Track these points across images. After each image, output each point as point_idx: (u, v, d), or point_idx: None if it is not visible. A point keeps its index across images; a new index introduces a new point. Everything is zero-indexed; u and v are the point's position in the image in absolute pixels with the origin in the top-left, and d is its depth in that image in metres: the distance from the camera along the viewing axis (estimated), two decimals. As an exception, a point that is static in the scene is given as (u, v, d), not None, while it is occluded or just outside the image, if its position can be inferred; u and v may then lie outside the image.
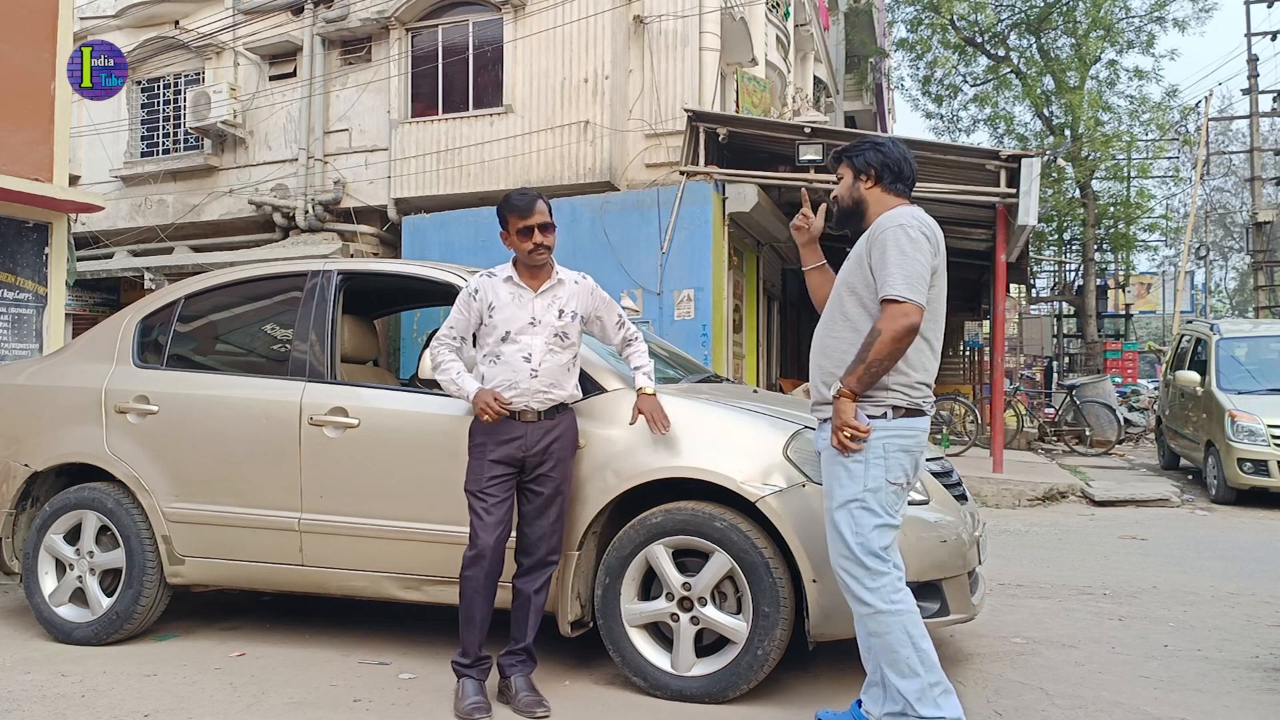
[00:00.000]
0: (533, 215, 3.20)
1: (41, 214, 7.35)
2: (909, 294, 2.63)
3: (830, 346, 2.85)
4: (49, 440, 4.11)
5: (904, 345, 2.65)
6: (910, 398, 2.73)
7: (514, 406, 3.18)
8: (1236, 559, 6.12)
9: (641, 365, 3.42)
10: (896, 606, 2.66)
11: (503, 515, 3.15)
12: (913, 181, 2.93)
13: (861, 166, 2.90)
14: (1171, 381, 10.98)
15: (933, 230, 2.74)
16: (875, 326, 2.67)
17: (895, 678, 2.67)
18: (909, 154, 2.93)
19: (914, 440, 2.75)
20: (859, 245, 2.83)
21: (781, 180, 10.72)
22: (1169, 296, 33.58)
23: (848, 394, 2.68)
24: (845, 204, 2.96)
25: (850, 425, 2.67)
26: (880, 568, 2.68)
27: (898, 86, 23.81)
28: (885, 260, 2.68)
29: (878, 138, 2.93)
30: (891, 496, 2.72)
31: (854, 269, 2.82)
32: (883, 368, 2.66)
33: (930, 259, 2.71)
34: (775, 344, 14.87)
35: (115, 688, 3.37)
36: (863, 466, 2.70)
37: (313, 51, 12.42)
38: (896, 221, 2.72)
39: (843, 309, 2.83)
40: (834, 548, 2.77)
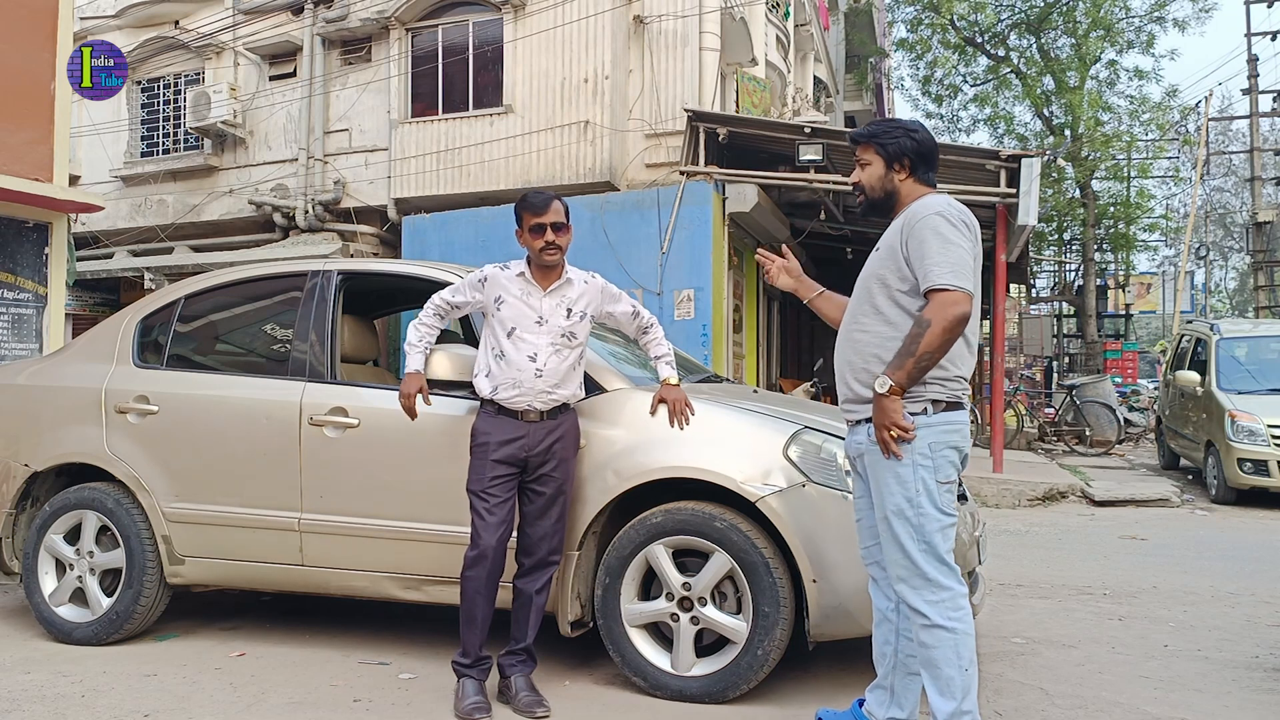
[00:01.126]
0: (546, 214, 3.20)
1: (41, 214, 7.35)
2: (957, 281, 2.48)
3: (861, 341, 2.70)
4: (49, 440, 4.11)
5: (955, 335, 2.50)
6: (950, 390, 2.60)
7: (516, 406, 3.18)
8: (1236, 559, 6.12)
9: (662, 354, 3.44)
10: (953, 624, 2.53)
11: (504, 515, 3.15)
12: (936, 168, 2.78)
13: (895, 155, 2.70)
14: (1171, 381, 10.98)
15: (971, 218, 2.60)
16: (923, 317, 2.51)
17: (934, 693, 2.57)
18: (935, 141, 2.77)
19: (958, 435, 2.62)
20: (889, 237, 2.68)
21: (781, 180, 10.72)
22: (1169, 296, 33.59)
23: (897, 390, 2.52)
24: (875, 195, 2.76)
25: (897, 425, 2.53)
26: (945, 580, 2.55)
27: (898, 86, 23.83)
28: (925, 250, 2.53)
29: (909, 123, 2.74)
30: (946, 496, 2.59)
31: (884, 260, 2.67)
32: (933, 360, 2.51)
33: (971, 246, 2.56)
34: (775, 344, 14.88)
35: (115, 688, 3.37)
36: (910, 469, 2.56)
37: (313, 51, 12.42)
38: (934, 209, 2.57)
39: (873, 302, 2.69)
40: (892, 557, 2.62)
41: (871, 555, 2.80)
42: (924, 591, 2.56)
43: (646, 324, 3.48)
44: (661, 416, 3.31)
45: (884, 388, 2.54)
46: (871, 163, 2.75)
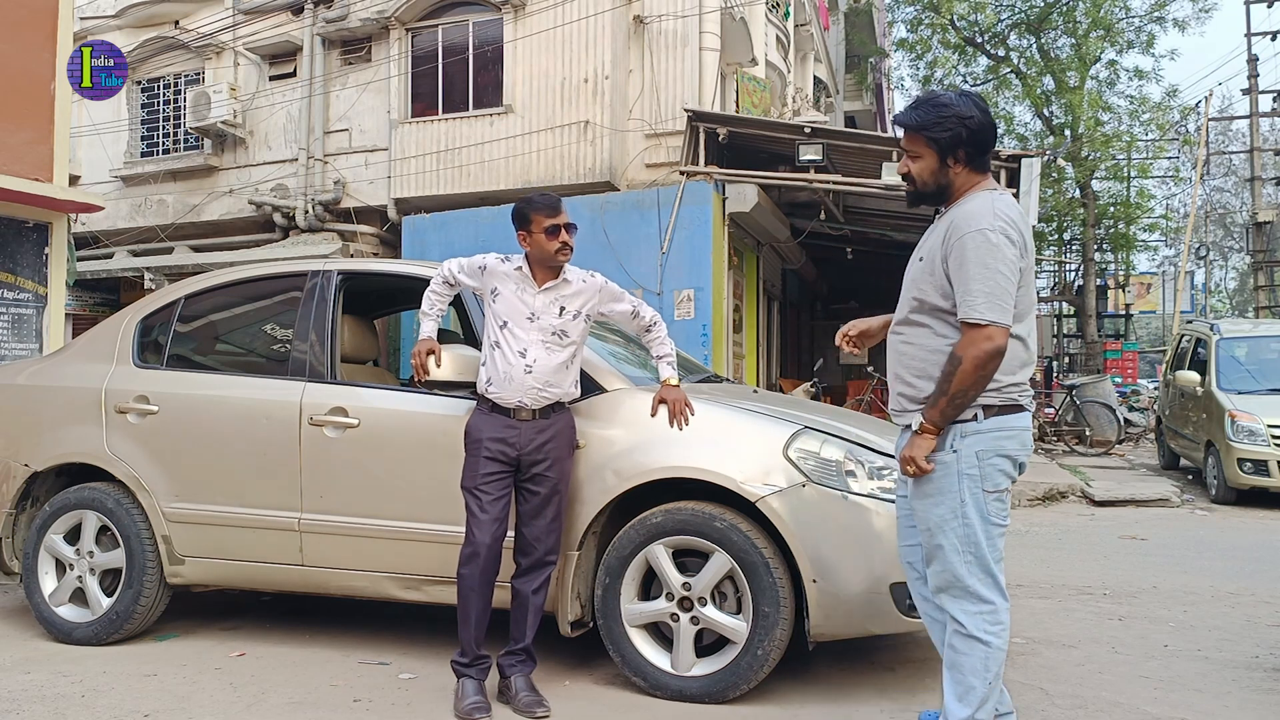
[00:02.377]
0: (560, 214, 3.21)
1: (41, 214, 7.35)
2: (991, 315, 2.37)
3: (906, 354, 2.63)
4: (49, 440, 4.11)
5: (989, 371, 2.41)
6: (1003, 395, 2.49)
7: (507, 403, 3.18)
8: (1236, 559, 6.12)
9: (664, 354, 3.43)
10: (989, 638, 2.47)
11: (498, 513, 3.15)
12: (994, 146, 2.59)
13: (948, 146, 2.50)
14: (1171, 381, 10.98)
15: (1018, 227, 2.45)
16: (955, 353, 2.43)
17: (952, 697, 2.54)
18: (988, 110, 2.55)
19: (1013, 441, 2.50)
20: (932, 243, 2.55)
21: (781, 180, 10.72)
22: (1169, 296, 33.58)
23: (931, 430, 2.47)
24: (927, 188, 2.59)
25: (917, 465, 2.49)
26: (988, 593, 2.49)
27: (898, 86, 23.84)
28: (965, 274, 2.41)
29: (960, 107, 2.49)
30: (995, 504, 2.50)
31: (926, 273, 2.55)
32: (968, 397, 2.43)
33: (1016, 262, 2.42)
34: (775, 344, 14.87)
35: (115, 688, 3.38)
36: (954, 479, 2.48)
37: (313, 51, 12.42)
38: (976, 225, 2.42)
39: (914, 314, 2.60)
40: (934, 568, 2.56)
41: (906, 555, 2.77)
42: (964, 602, 2.51)
43: (649, 323, 3.47)
44: (661, 416, 3.30)
45: (916, 425, 2.51)
46: (922, 155, 2.56)
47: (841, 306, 18.61)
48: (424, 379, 3.33)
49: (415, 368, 3.31)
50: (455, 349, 3.49)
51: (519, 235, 3.27)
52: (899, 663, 3.75)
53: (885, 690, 3.41)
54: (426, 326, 3.41)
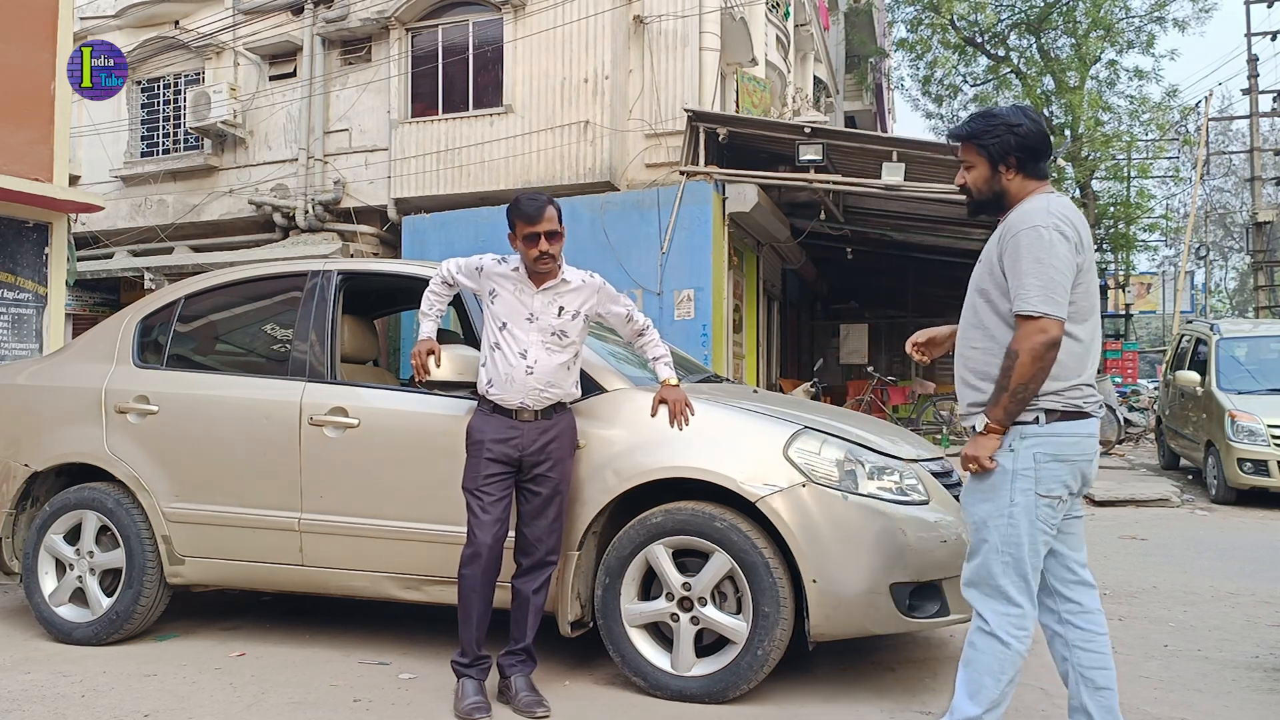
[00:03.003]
0: (540, 222, 3.12)
1: (41, 214, 7.35)
2: (1045, 308, 2.40)
3: (969, 357, 2.63)
4: (49, 440, 4.11)
5: (1047, 363, 2.42)
6: (1065, 399, 2.49)
7: (509, 404, 3.18)
8: (1236, 559, 6.12)
9: (660, 355, 3.43)
10: (1010, 640, 2.48)
11: (500, 514, 3.15)
12: (1051, 152, 2.62)
13: (999, 155, 2.57)
14: (1171, 381, 10.97)
15: (1073, 225, 2.47)
16: (1011, 347, 2.44)
17: (963, 694, 2.54)
18: (1043, 122, 2.62)
19: (1074, 448, 2.49)
20: (989, 248, 2.60)
21: (781, 180, 10.72)
22: (1169, 296, 33.58)
23: (996, 430, 2.48)
24: (983, 197, 2.66)
25: (980, 463, 2.51)
26: (1019, 598, 2.49)
27: (898, 86, 23.82)
28: (1019, 270, 2.44)
29: (1010, 116, 2.58)
30: (1045, 510, 2.49)
31: (985, 274, 2.60)
32: (1029, 391, 2.44)
33: (1071, 258, 2.44)
34: (775, 344, 14.87)
35: (115, 688, 3.37)
36: (1008, 479, 2.49)
37: (313, 51, 12.42)
38: (1029, 222, 2.46)
39: (977, 316, 2.61)
40: (971, 561, 2.57)
41: None
42: (994, 602, 2.52)
43: (641, 327, 3.47)
44: (662, 416, 3.30)
45: (981, 426, 2.52)
46: (975, 164, 2.63)
47: (841, 306, 18.62)
48: (424, 379, 3.33)
49: (415, 368, 3.31)
50: (455, 349, 3.49)
51: (509, 236, 3.28)
52: (899, 663, 3.75)
53: (885, 690, 3.41)
54: (426, 326, 3.40)
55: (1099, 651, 2.61)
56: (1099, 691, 2.61)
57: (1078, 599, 2.63)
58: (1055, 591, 2.63)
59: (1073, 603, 2.63)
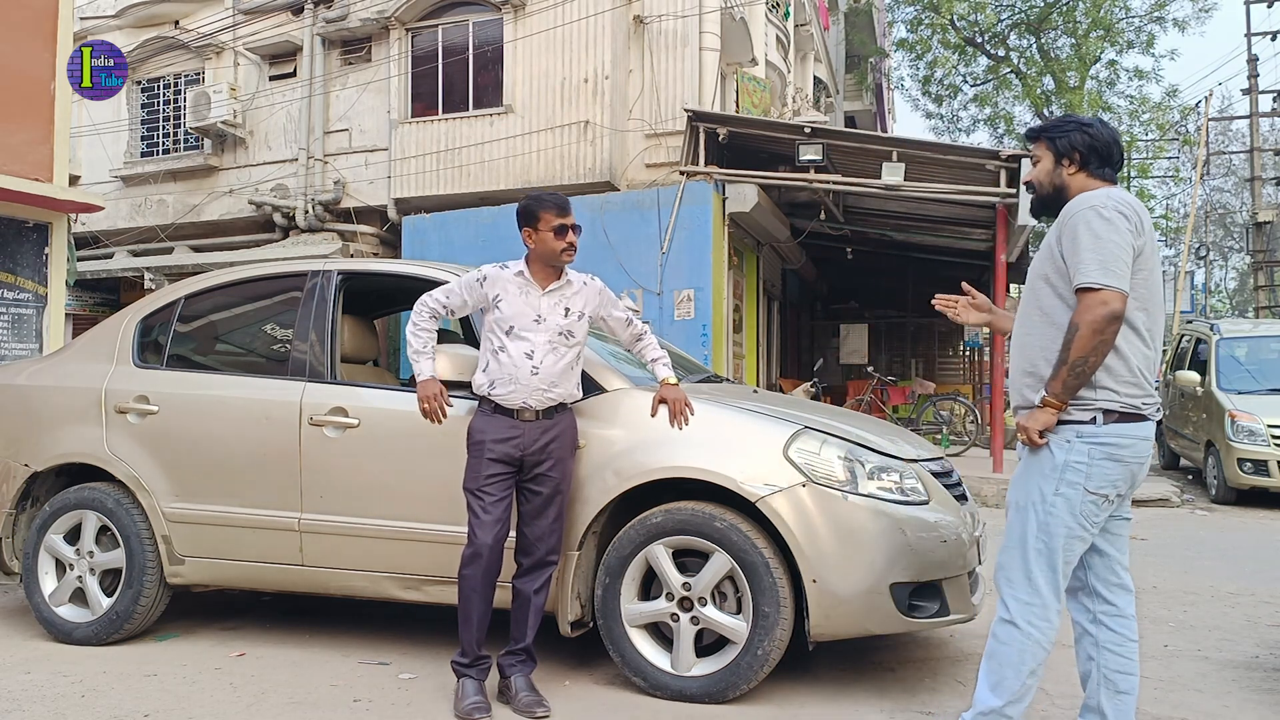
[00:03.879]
0: (569, 215, 3.23)
1: (41, 214, 7.35)
2: (1105, 279, 2.38)
3: (1026, 344, 2.62)
4: (49, 440, 4.11)
5: (1109, 337, 2.40)
6: (1123, 399, 2.47)
7: (511, 404, 3.18)
8: (1236, 559, 6.12)
9: (658, 357, 3.44)
10: (1031, 631, 2.50)
11: (500, 514, 3.15)
12: (1120, 164, 2.65)
13: (1064, 150, 2.62)
14: (1171, 381, 10.98)
15: (1133, 208, 2.48)
16: (1072, 321, 2.43)
17: (985, 685, 2.54)
18: (1118, 136, 2.65)
19: (1129, 450, 2.48)
20: (1050, 234, 2.59)
21: (781, 180, 10.72)
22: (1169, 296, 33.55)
23: (1054, 404, 2.46)
24: (1044, 190, 2.68)
25: (1030, 435, 2.50)
26: (1045, 589, 2.50)
27: (898, 86, 23.84)
28: (1077, 246, 2.44)
29: (1083, 118, 2.67)
30: (1090, 506, 2.48)
31: (1045, 259, 2.59)
32: (1089, 365, 2.41)
33: (1131, 238, 2.43)
34: (775, 344, 14.87)
35: (115, 688, 3.37)
36: (1058, 470, 2.49)
37: (313, 51, 12.42)
38: (1088, 204, 2.48)
39: (1037, 302, 2.60)
40: (1006, 543, 2.58)
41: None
42: (1019, 590, 2.53)
43: (639, 331, 3.49)
44: (662, 416, 3.31)
45: (1040, 400, 2.51)
46: (1041, 158, 2.68)
47: (841, 306, 18.60)
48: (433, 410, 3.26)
49: (430, 412, 3.25)
50: (454, 349, 3.49)
51: (524, 232, 3.27)
52: (899, 663, 3.75)
53: (885, 690, 3.41)
54: (424, 366, 3.29)
55: (1127, 657, 2.62)
56: (1119, 695, 2.62)
57: (1116, 602, 2.65)
58: (1095, 592, 2.65)
59: (1110, 605, 2.65)
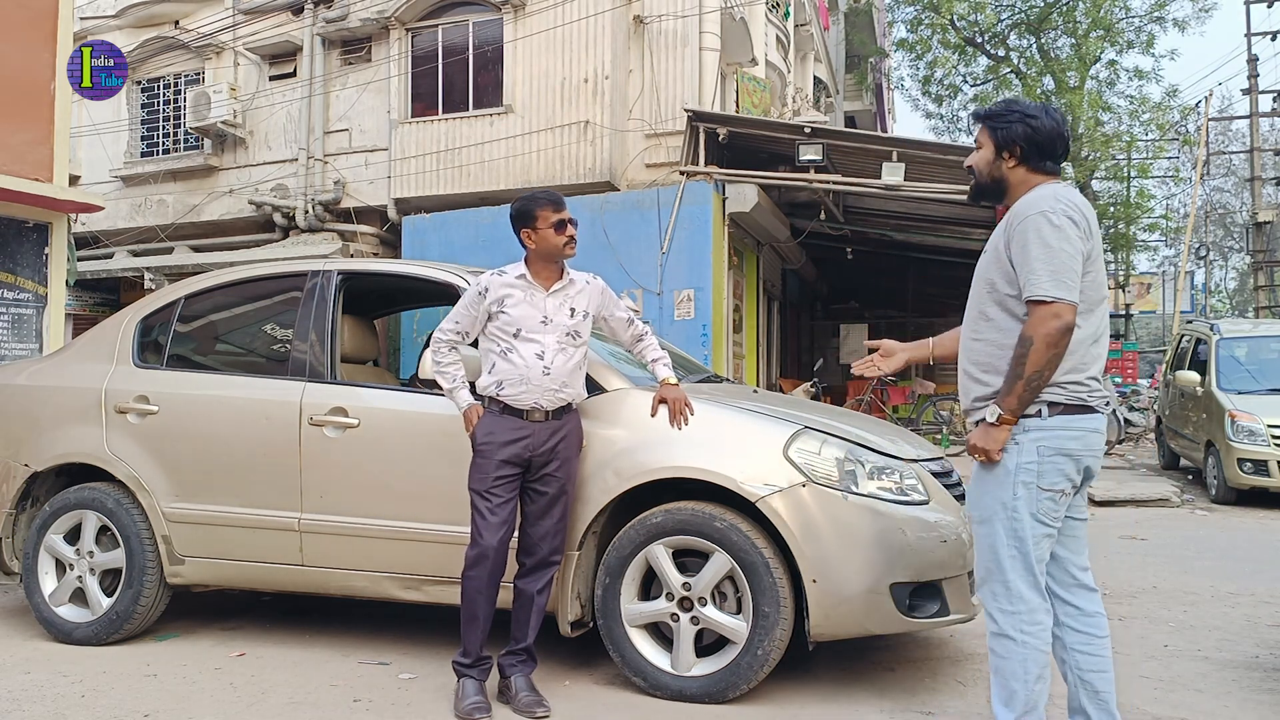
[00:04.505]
0: (565, 209, 3.25)
1: (41, 214, 7.35)
2: (1057, 292, 2.36)
3: (973, 349, 2.61)
4: (49, 440, 4.11)
5: (1061, 350, 2.39)
6: (1070, 392, 2.46)
7: (522, 405, 3.17)
8: (1236, 559, 6.12)
9: (658, 357, 3.44)
10: (1024, 638, 2.47)
11: (507, 515, 3.15)
12: (1064, 156, 2.59)
13: (1004, 141, 2.56)
14: (1171, 381, 10.97)
15: (1081, 211, 2.45)
16: (1024, 334, 2.40)
17: (997, 700, 2.52)
18: (1063, 127, 2.57)
19: (1078, 442, 2.47)
20: (996, 235, 2.58)
21: (781, 180, 10.73)
22: (1169, 296, 33.59)
23: (1009, 420, 2.44)
24: (983, 180, 2.65)
25: (989, 456, 2.49)
26: (1027, 593, 2.47)
27: (898, 86, 23.84)
28: (1028, 255, 2.41)
29: (1029, 107, 2.57)
30: (1048, 504, 2.48)
31: (992, 263, 2.57)
32: (1044, 379, 2.40)
33: (1081, 245, 2.42)
34: (775, 344, 14.87)
35: (115, 688, 3.37)
36: (1011, 476, 2.47)
37: (313, 51, 12.42)
38: (1037, 208, 2.44)
39: (982, 307, 2.59)
40: (980, 558, 2.57)
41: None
42: (1002, 602, 2.50)
43: (640, 332, 3.48)
44: (662, 416, 3.31)
45: (994, 418, 2.47)
46: (983, 146, 2.62)
47: (841, 306, 18.61)
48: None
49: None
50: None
51: (523, 233, 3.26)
52: (899, 663, 3.75)
53: (885, 690, 3.41)
54: (462, 396, 3.26)
55: (1098, 655, 2.60)
56: (1097, 694, 2.61)
57: (1076, 603, 2.62)
58: (1053, 594, 2.61)
59: (1071, 606, 2.62)
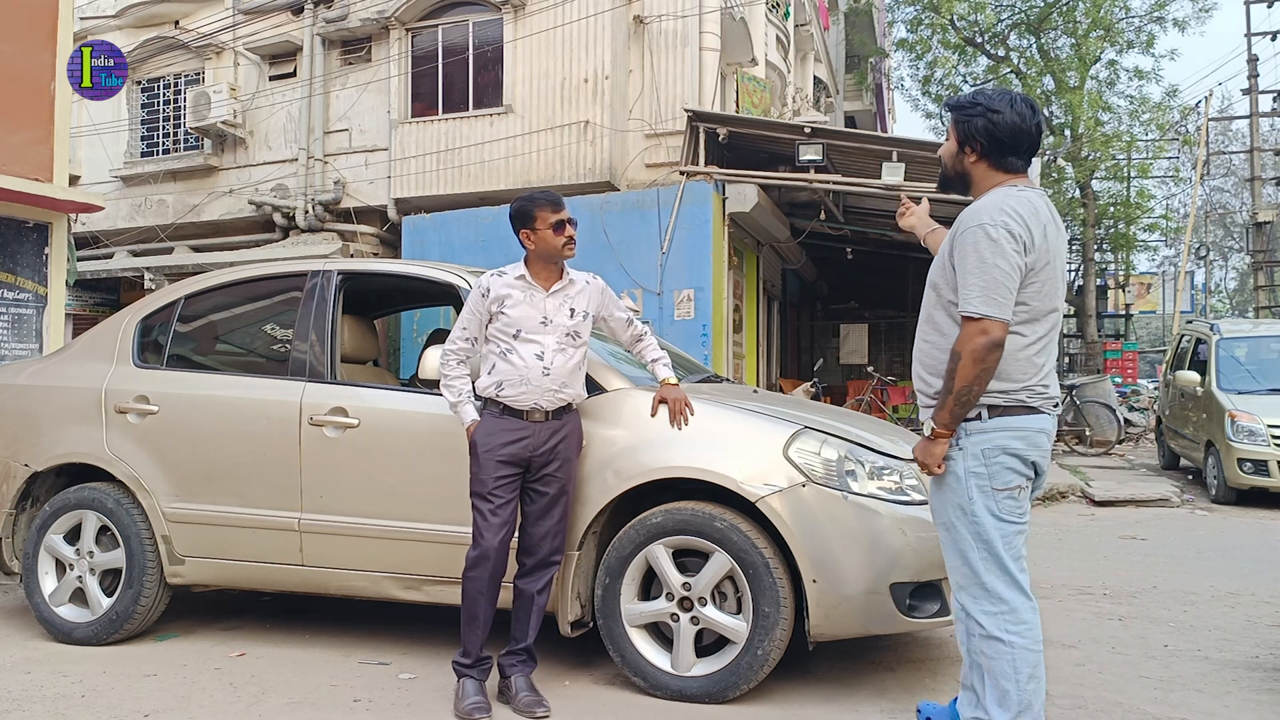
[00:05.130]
0: (564, 209, 3.25)
1: (41, 214, 7.35)
2: (985, 309, 2.39)
3: (922, 350, 2.68)
4: (49, 440, 4.11)
5: (990, 365, 2.42)
6: (1010, 395, 2.50)
7: (522, 405, 3.17)
8: (1236, 559, 6.12)
9: (658, 357, 3.45)
10: (1011, 637, 2.46)
11: (507, 516, 3.15)
12: (1032, 151, 2.57)
13: (965, 136, 2.57)
14: (1171, 381, 10.98)
15: (1024, 222, 2.44)
16: (954, 349, 2.45)
17: (992, 701, 2.51)
18: (1030, 118, 2.54)
19: (1021, 440, 2.49)
20: (946, 240, 2.62)
21: (781, 180, 10.72)
22: (1169, 296, 33.57)
23: (944, 434, 2.50)
24: (948, 173, 2.69)
25: (929, 469, 2.55)
26: (1006, 592, 2.48)
27: (898, 86, 23.82)
28: (965, 268, 2.45)
29: (995, 99, 2.55)
30: (1007, 502, 2.50)
31: (938, 268, 2.62)
32: (974, 393, 2.44)
33: (1018, 259, 2.42)
34: (775, 344, 14.87)
35: (115, 688, 3.38)
36: (962, 482, 2.52)
37: (313, 51, 12.42)
38: (978, 219, 2.45)
39: (930, 310, 2.65)
40: (951, 564, 2.60)
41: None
42: (983, 602, 2.51)
43: (640, 333, 3.49)
44: (662, 416, 3.31)
45: (929, 432, 2.54)
46: (949, 137, 2.64)
47: (841, 306, 18.61)
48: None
49: None
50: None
51: (522, 234, 3.26)
52: (899, 663, 3.75)
53: (885, 690, 3.41)
54: (467, 412, 3.24)
55: None
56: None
57: None
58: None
59: None
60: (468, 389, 3.27)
